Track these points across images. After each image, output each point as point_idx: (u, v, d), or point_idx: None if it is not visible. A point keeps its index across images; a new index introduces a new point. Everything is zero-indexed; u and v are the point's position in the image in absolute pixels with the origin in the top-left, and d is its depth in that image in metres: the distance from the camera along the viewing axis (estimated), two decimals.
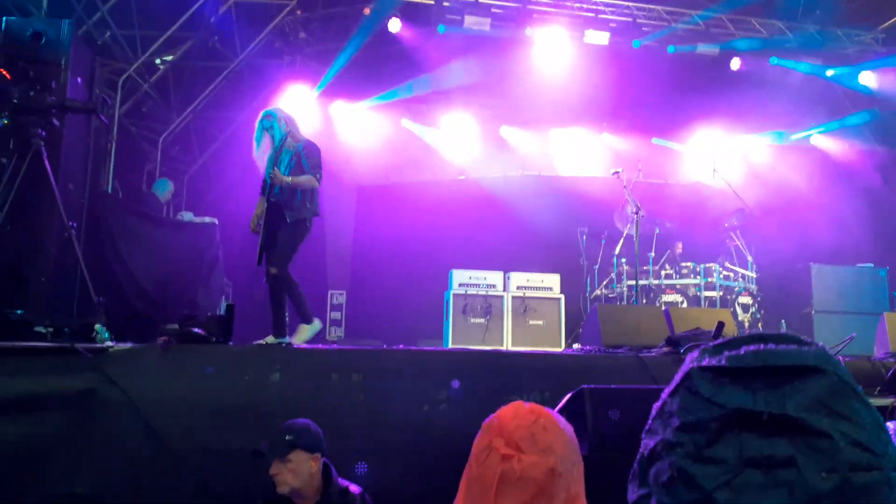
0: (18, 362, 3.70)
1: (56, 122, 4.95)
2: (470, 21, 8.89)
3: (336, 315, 9.60)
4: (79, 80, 5.52)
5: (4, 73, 4.86)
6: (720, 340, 1.07)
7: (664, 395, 1.05)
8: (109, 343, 3.99)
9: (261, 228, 5.13)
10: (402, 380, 4.23)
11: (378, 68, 9.76)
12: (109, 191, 7.37)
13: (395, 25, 9.08)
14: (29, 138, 4.72)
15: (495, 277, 7.19)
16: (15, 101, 4.76)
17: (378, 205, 10.09)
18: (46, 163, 4.71)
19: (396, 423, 4.07)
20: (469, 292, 7.03)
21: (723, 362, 1.01)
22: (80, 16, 7.33)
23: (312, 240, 10.09)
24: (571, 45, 9.57)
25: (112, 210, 6.11)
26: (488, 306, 7.00)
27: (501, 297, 7.07)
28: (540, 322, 7.05)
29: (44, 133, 4.77)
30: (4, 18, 5.46)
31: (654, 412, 1.06)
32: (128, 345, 4.00)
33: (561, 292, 7.18)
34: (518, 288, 7.14)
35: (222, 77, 9.39)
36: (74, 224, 4.97)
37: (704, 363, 1.03)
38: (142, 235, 6.24)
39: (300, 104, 10.02)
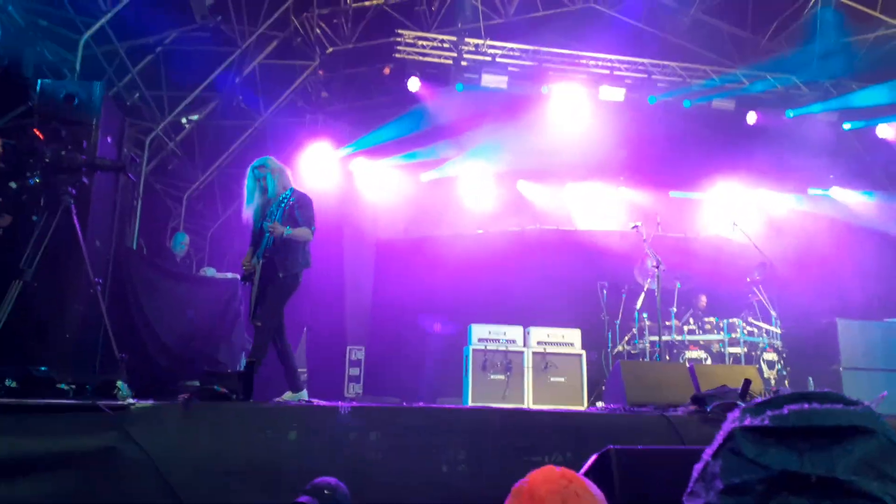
0: (41, 420, 3.70)
1: (86, 179, 5.07)
2: (487, 79, 9.11)
3: (354, 371, 9.52)
4: (108, 139, 5.70)
5: (38, 132, 5.03)
6: (761, 399, 1.05)
7: (706, 456, 1.03)
8: (131, 400, 3.98)
9: (252, 280, 5.08)
10: (420, 439, 4.14)
11: (398, 126, 9.97)
12: (134, 247, 7.49)
13: (414, 84, 9.32)
14: (59, 196, 4.82)
15: (515, 332, 7.12)
16: (47, 159, 4.90)
17: (397, 259, 10.12)
18: (75, 220, 4.80)
19: (415, 484, 3.97)
20: (489, 348, 6.96)
21: (766, 422, 0.99)
22: (110, 78, 7.61)
23: (332, 295, 10.35)
24: (587, 101, 9.74)
25: (136, 266, 6.20)
26: (508, 362, 6.92)
27: (522, 352, 6.99)
28: (561, 379, 6.93)
29: (74, 191, 4.88)
30: (40, 81, 5.70)
31: (695, 474, 1.04)
32: (149, 402, 3.99)
33: (582, 348, 7.08)
34: (538, 343, 7.05)
35: (246, 135, 9.64)
36: (100, 280, 5.04)
37: (746, 423, 1.01)
38: (164, 291, 6.31)
39: (321, 160, 10.24)
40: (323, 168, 10.34)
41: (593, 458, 3.31)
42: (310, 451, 3.93)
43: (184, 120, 9.15)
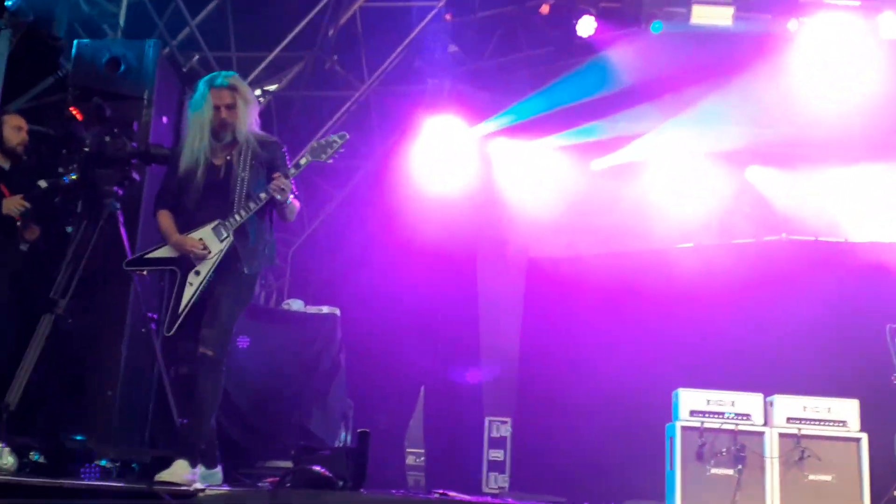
0: None
1: (136, 175, 5.42)
2: (701, 13, 8.85)
3: (497, 455, 9.57)
4: (164, 119, 6.07)
5: (76, 112, 5.42)
6: None
7: None
8: (198, 485, 4.16)
9: (189, 266, 4.69)
10: None
11: (560, 90, 9.95)
12: None
13: (587, 27, 9.26)
14: (102, 198, 5.20)
15: (749, 402, 6.98)
16: (86, 149, 5.28)
17: (557, 287, 10.04)
18: (123, 231, 5.15)
19: None
20: (707, 425, 6.85)
21: None
22: (161, 34, 8.12)
23: (462, 339, 10.40)
24: (861, 42, 9.26)
25: None
26: (739, 449, 6.76)
27: (761, 434, 6.83)
28: (827, 477, 6.68)
29: (121, 191, 5.23)
30: (76, 42, 6.17)
31: None
32: (223, 488, 4.15)
33: (861, 429, 6.78)
34: (789, 420, 6.84)
35: (344, 110, 9.97)
36: (155, 315, 5.32)
37: None
38: (235, 333, 6.63)
39: (448, 142, 10.45)
40: (450, 153, 10.53)
41: None
42: None
43: (258, 92, 9.59)
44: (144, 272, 5.20)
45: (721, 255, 9.20)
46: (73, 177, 5.30)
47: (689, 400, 6.95)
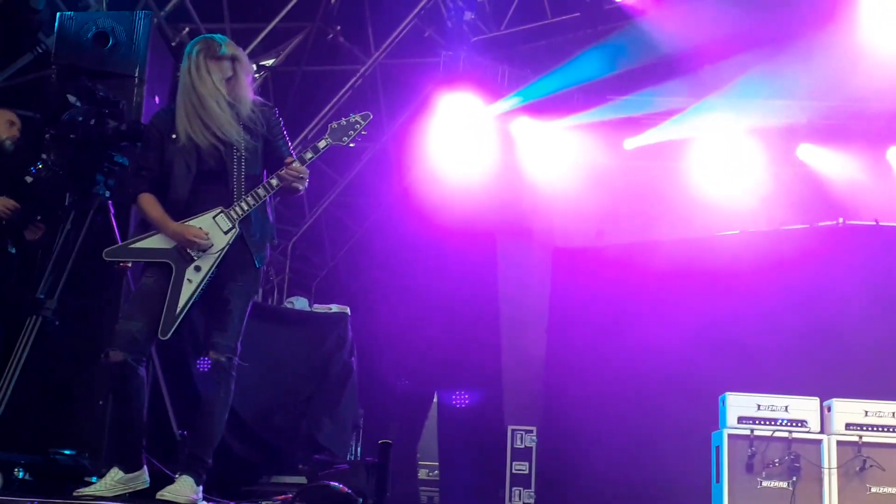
0: None
1: (125, 160, 5.41)
2: None
3: (521, 467, 9.57)
4: (156, 99, 6.07)
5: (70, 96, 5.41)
6: None
7: None
8: None
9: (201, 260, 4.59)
10: None
11: (589, 61, 9.92)
12: None
13: None
14: (89, 188, 5.20)
15: (805, 407, 6.98)
16: (72, 135, 5.27)
17: (587, 281, 10.05)
18: (114, 223, 5.15)
19: None
20: (757, 433, 6.87)
21: None
22: (147, 4, 8.14)
23: (479, 338, 10.40)
24: None
25: None
26: (794, 459, 6.77)
27: (818, 442, 6.83)
28: (891, 489, 6.64)
29: (111, 180, 5.23)
30: (59, 15, 6.18)
31: None
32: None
33: None
34: (848, 427, 6.83)
35: (348, 87, 10.00)
36: None
37: None
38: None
39: (464, 122, 10.47)
40: (466, 133, 10.56)
41: None
42: None
43: (253, 67, 9.61)
44: (129, 264, 5.10)
45: (770, 243, 9.16)
46: (40, 166, 5.28)
47: (738, 405, 6.96)
